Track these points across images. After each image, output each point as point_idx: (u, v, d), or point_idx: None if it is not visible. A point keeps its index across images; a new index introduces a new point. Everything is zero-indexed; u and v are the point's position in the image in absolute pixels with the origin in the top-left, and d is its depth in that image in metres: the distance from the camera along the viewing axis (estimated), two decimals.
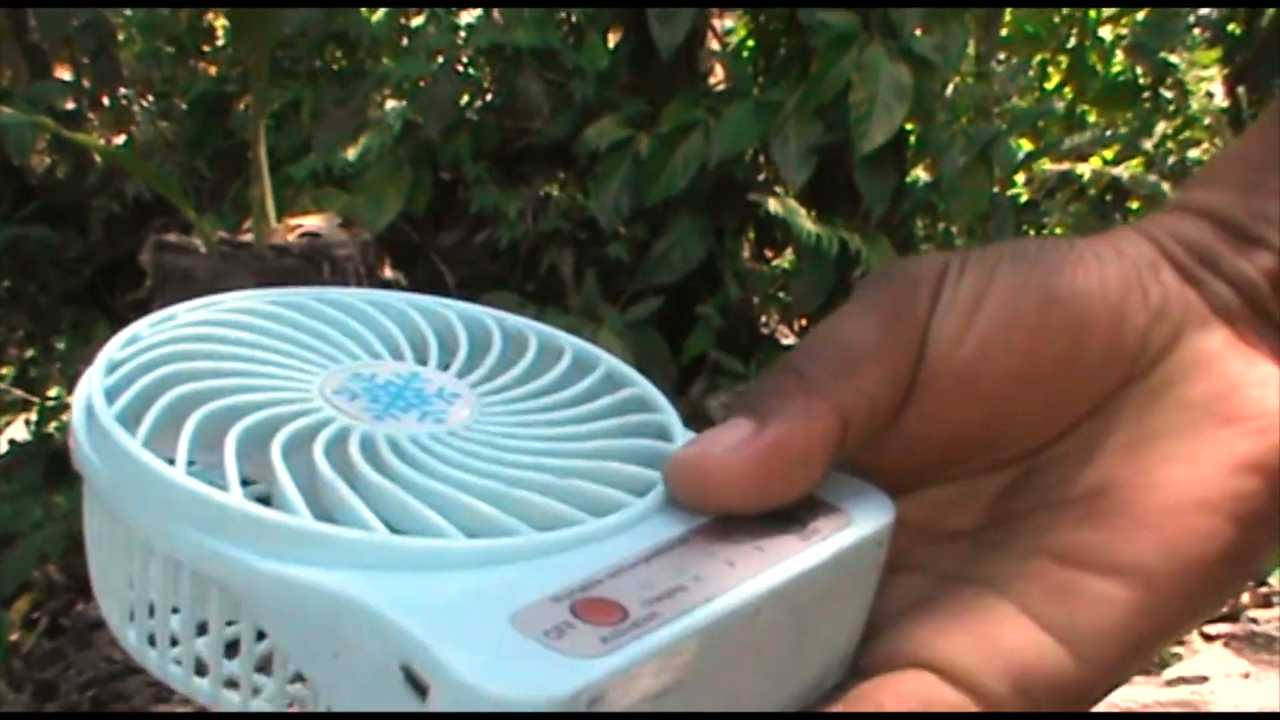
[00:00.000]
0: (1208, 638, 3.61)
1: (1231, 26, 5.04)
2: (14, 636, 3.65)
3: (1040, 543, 0.48)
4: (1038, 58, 5.33)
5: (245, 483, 0.47)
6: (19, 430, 4.88)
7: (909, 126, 4.14)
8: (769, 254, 4.59)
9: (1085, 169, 4.69)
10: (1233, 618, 3.70)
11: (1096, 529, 0.47)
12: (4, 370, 5.21)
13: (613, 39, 4.53)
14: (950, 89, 4.47)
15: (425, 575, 0.44)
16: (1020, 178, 4.75)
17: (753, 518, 0.48)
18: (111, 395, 0.50)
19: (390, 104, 4.46)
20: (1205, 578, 0.46)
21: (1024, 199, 4.77)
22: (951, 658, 0.46)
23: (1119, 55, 5.25)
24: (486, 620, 0.42)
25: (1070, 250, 0.50)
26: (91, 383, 0.51)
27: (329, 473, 0.47)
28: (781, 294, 4.43)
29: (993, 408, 0.50)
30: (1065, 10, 5.15)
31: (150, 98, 5.46)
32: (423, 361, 0.56)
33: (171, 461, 0.47)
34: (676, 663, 0.43)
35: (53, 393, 5.02)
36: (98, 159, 4.90)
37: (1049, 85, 5.38)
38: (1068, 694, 0.46)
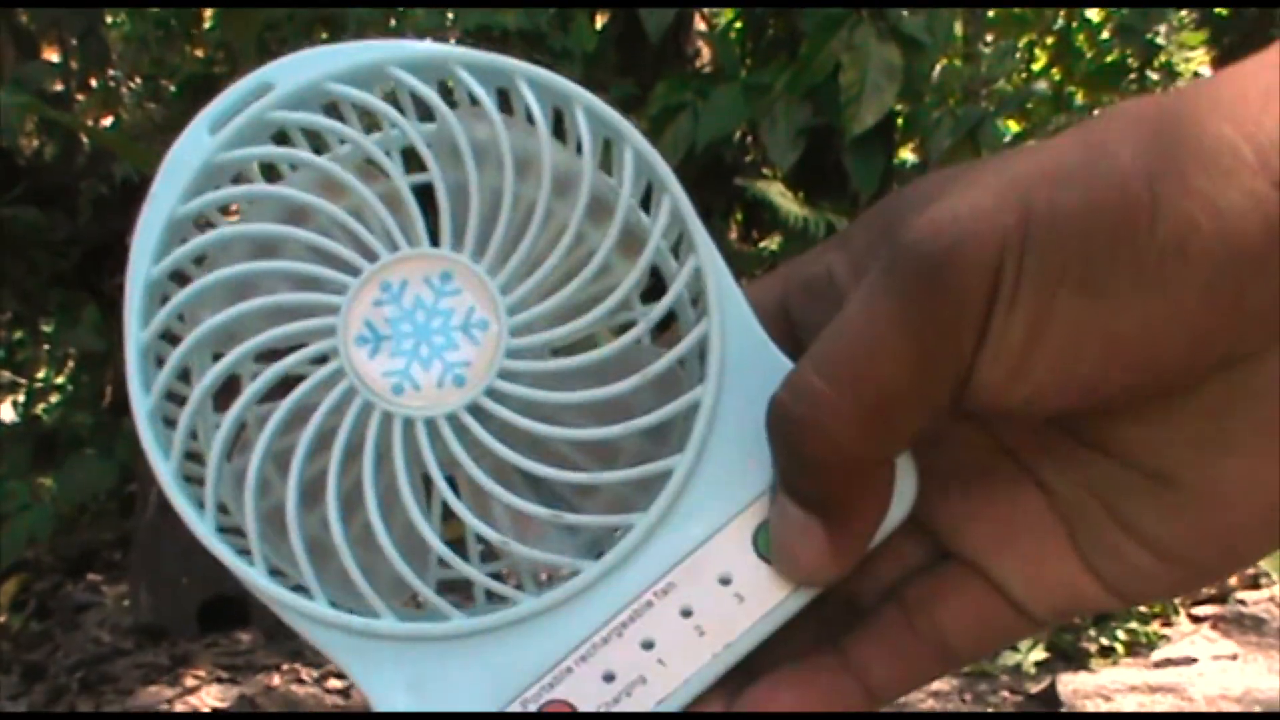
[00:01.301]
0: (1195, 619, 3.62)
1: (1219, 9, 5.04)
2: (2, 619, 3.65)
3: (1104, 494, 0.46)
4: (1025, 39, 5.32)
5: None
6: (7, 412, 4.88)
7: (897, 108, 4.14)
8: (756, 235, 4.59)
9: None
10: (1221, 599, 3.71)
11: (1161, 517, 0.45)
12: None
13: (600, 21, 4.52)
14: (937, 70, 4.46)
15: (426, 657, 0.49)
16: None
17: (744, 546, 0.49)
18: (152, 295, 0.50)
19: None
20: (1250, 563, 0.48)
21: None
22: (1003, 579, 0.48)
23: (1106, 36, 5.24)
24: None
25: (1149, 253, 0.40)
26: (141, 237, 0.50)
27: (339, 539, 0.48)
28: None
29: (1051, 419, 0.47)
30: None
31: (138, 79, 5.46)
32: (459, 248, 0.49)
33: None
34: None
35: (40, 374, 5.02)
36: (86, 141, 4.89)
37: (1036, 67, 5.37)
38: (1101, 613, 0.49)
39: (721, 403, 0.49)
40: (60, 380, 5.06)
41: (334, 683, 3.21)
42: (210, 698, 3.08)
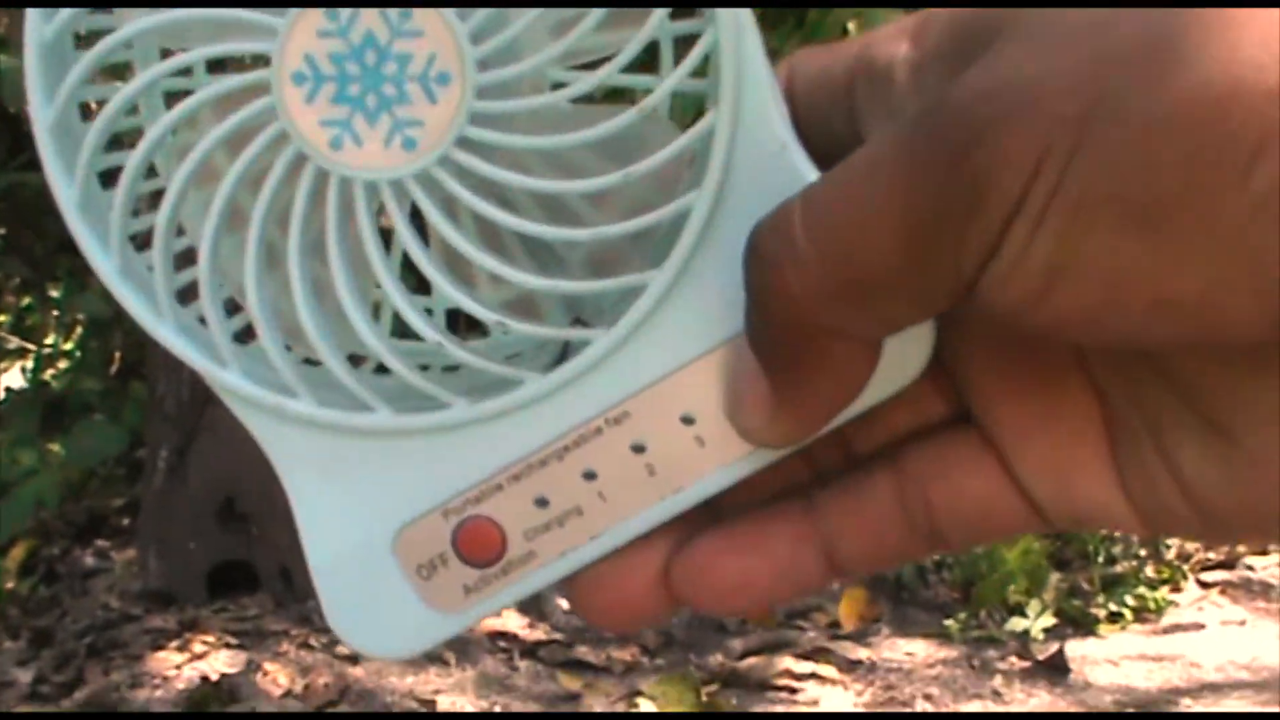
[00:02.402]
0: (1204, 585, 3.63)
1: None
2: (10, 584, 3.66)
3: (1154, 419, 0.39)
4: None
5: None
6: (15, 378, 4.88)
7: None
8: None
9: None
10: (1229, 565, 3.72)
11: (1205, 466, 0.38)
12: (1, 318, 5.21)
13: None
14: None
15: (346, 448, 0.44)
16: None
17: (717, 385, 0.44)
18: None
19: None
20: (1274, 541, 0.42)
21: None
22: (1024, 469, 0.42)
23: None
24: (371, 543, 0.44)
25: (1238, 202, 0.31)
26: None
27: (253, 302, 0.43)
28: None
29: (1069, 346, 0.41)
30: None
31: None
32: None
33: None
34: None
35: (49, 340, 5.03)
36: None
37: None
38: (1124, 533, 0.42)
39: (719, 214, 0.42)
40: (68, 346, 5.06)
41: (343, 648, 3.21)
42: (219, 663, 3.09)
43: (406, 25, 0.40)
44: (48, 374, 4.86)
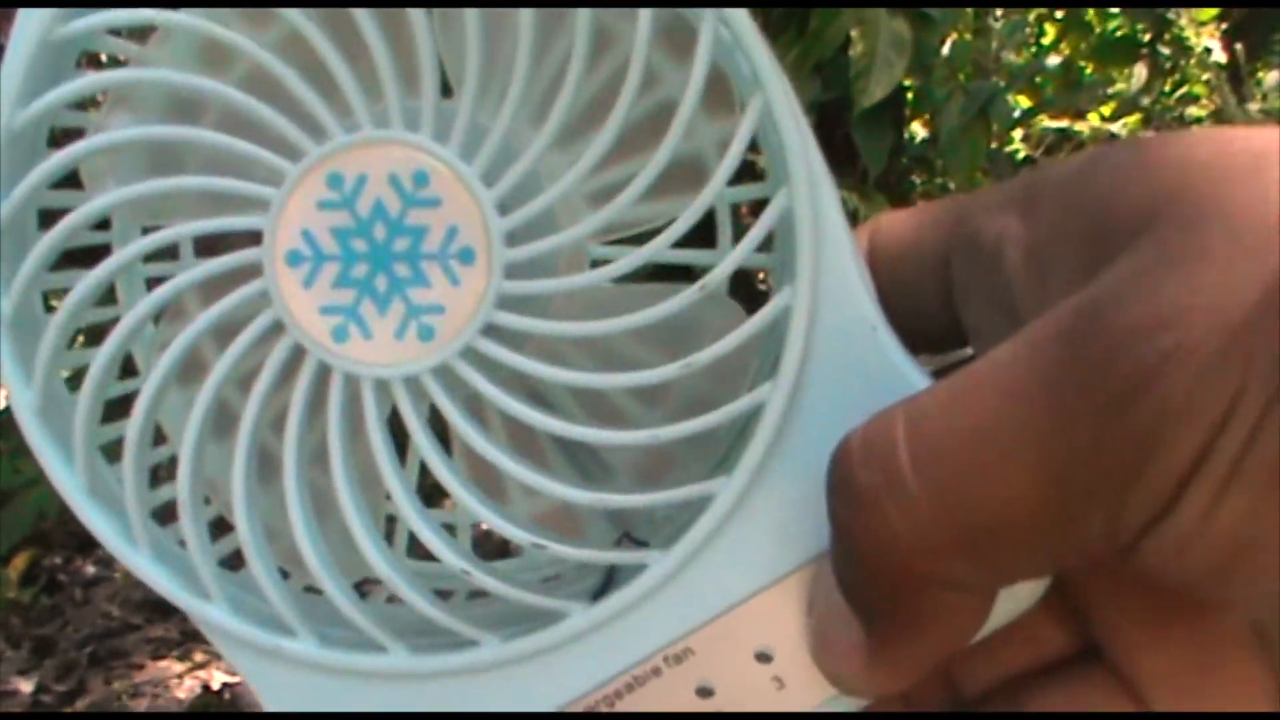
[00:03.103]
0: None
1: None
2: (12, 593, 3.65)
3: None
4: (1034, 13, 5.31)
5: None
6: None
7: (906, 83, 4.14)
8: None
9: (1084, 126, 4.69)
10: None
11: None
12: None
13: None
14: (948, 46, 4.46)
15: (354, 693, 0.38)
16: (1018, 134, 4.74)
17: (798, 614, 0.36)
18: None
19: None
20: None
21: (1021, 155, 4.77)
22: None
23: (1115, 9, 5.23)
24: None
25: None
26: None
27: (242, 524, 0.38)
28: None
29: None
30: None
31: None
32: (443, 137, 0.35)
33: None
34: None
35: None
36: None
37: (1045, 41, 5.36)
38: None
39: (797, 411, 0.35)
40: None
41: None
42: (220, 672, 3.08)
43: (423, 193, 0.35)
44: None
